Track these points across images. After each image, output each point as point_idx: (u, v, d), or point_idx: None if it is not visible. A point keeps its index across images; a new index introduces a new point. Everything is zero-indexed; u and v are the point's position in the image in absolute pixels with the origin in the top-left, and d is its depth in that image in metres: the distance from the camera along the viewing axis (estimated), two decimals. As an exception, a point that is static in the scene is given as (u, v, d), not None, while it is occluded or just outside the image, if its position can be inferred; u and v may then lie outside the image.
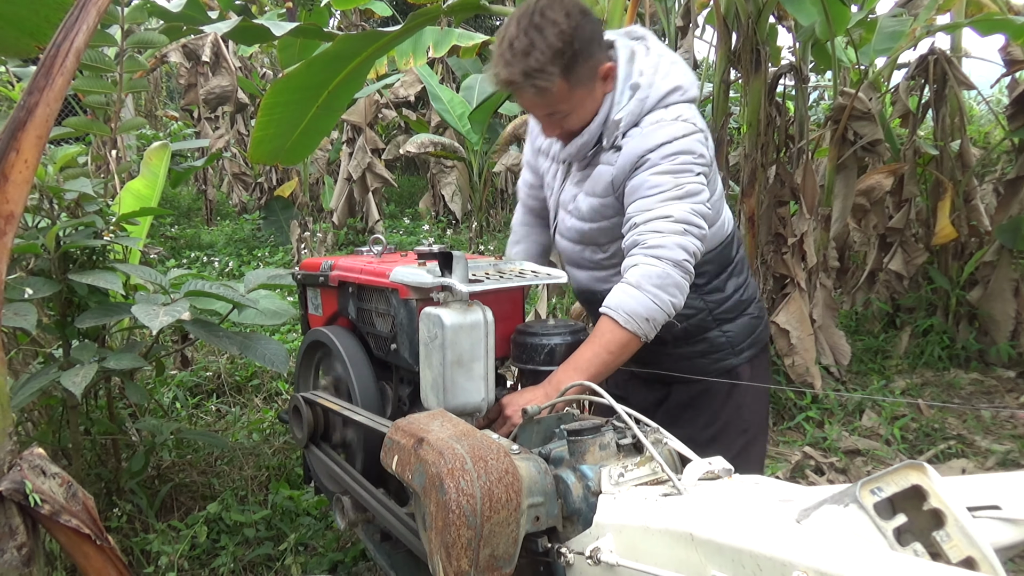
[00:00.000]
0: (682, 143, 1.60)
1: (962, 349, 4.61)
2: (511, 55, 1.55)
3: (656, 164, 1.60)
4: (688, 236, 1.57)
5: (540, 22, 1.53)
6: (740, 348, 1.89)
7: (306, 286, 2.04)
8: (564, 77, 1.56)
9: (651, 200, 1.59)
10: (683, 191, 1.58)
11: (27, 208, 2.27)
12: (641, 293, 1.53)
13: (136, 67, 2.86)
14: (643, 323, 1.54)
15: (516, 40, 1.54)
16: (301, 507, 2.72)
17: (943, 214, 4.58)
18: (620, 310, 1.54)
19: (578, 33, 1.55)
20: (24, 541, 1.27)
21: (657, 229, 1.56)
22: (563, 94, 1.59)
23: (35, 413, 2.69)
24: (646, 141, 1.61)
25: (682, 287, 1.57)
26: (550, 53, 1.53)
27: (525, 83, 1.56)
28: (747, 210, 4.02)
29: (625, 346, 1.55)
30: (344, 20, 7.94)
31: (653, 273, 1.54)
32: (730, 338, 1.87)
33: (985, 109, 6.82)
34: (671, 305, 1.56)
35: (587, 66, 1.59)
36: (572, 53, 1.54)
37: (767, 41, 3.96)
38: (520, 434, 1.36)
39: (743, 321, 1.89)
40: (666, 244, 1.55)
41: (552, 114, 1.65)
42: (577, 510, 1.12)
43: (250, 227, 8.35)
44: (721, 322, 1.87)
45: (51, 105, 1.24)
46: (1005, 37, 4.09)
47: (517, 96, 1.64)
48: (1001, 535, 0.97)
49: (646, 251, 1.56)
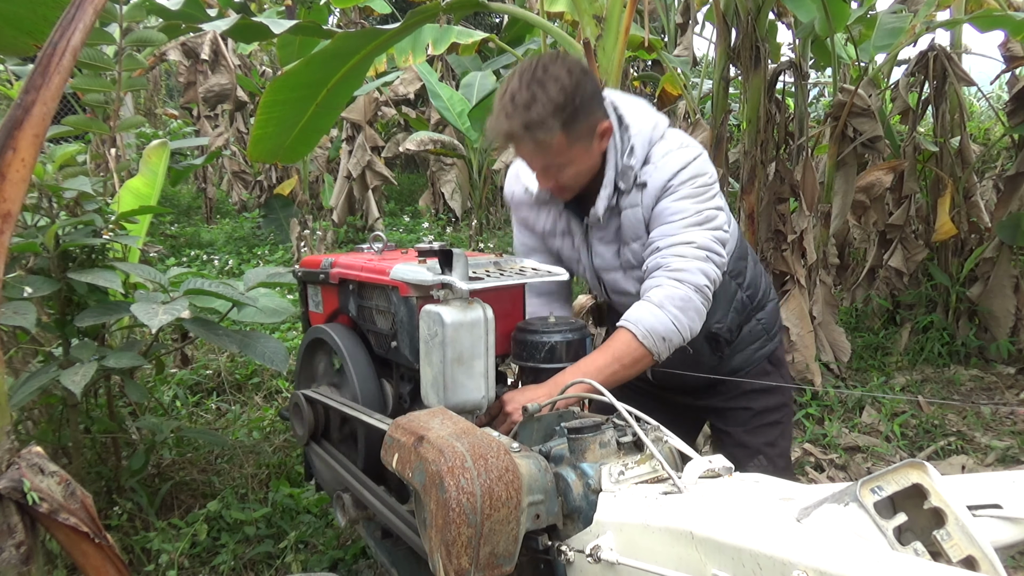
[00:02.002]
0: (694, 167, 1.66)
1: (962, 345, 4.61)
2: (512, 108, 1.56)
3: (676, 191, 1.65)
4: (709, 263, 1.62)
5: (543, 77, 1.55)
6: (773, 332, 1.98)
7: (306, 284, 2.04)
8: (564, 131, 1.57)
9: (674, 226, 1.63)
10: (703, 217, 1.64)
11: (26, 207, 2.27)
12: (663, 312, 1.57)
13: (135, 65, 2.86)
14: (659, 341, 1.57)
15: (518, 94, 1.55)
16: (301, 505, 2.72)
17: (943, 211, 4.58)
18: (640, 325, 1.57)
19: (579, 90, 1.56)
20: (23, 539, 1.27)
21: (680, 254, 1.61)
22: (561, 148, 1.60)
23: (35, 412, 2.69)
24: (663, 172, 1.66)
25: (701, 313, 1.61)
26: (551, 107, 1.54)
27: (525, 135, 1.57)
28: (747, 207, 4.02)
29: (638, 361, 1.58)
30: (343, 18, 7.94)
31: (676, 295, 1.58)
32: (765, 325, 1.95)
33: (985, 105, 6.82)
34: (688, 329, 1.59)
35: (587, 123, 1.61)
36: (573, 109, 1.55)
37: (766, 38, 3.96)
38: (520, 432, 1.36)
39: (770, 307, 1.98)
40: (689, 268, 1.59)
41: (548, 167, 1.66)
42: (577, 508, 1.12)
43: (250, 225, 8.34)
44: (756, 310, 1.94)
45: (48, 103, 1.24)
46: (1005, 33, 4.09)
47: (516, 148, 1.65)
48: (1002, 534, 0.97)
49: (669, 273, 1.60)
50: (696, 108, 4.82)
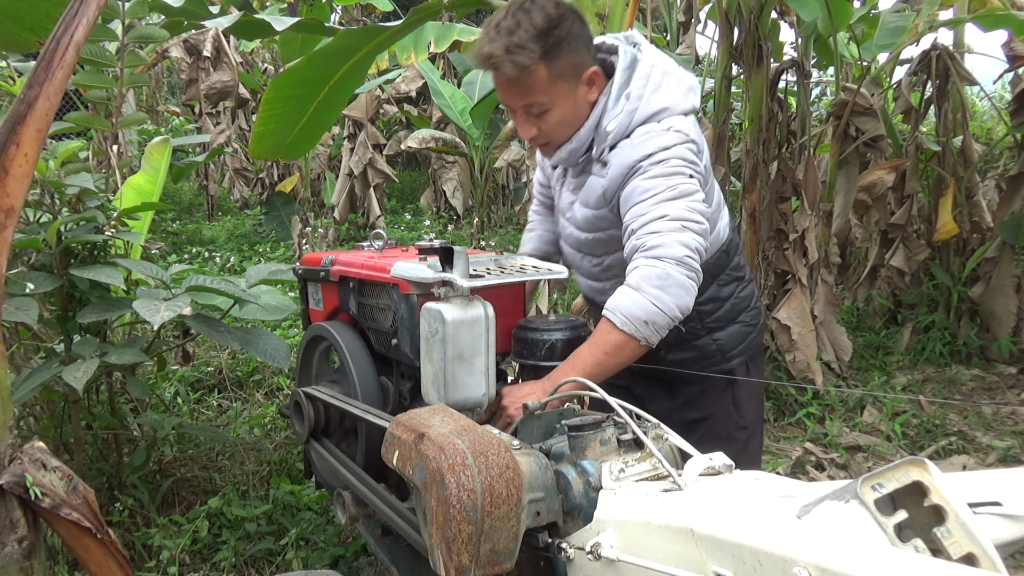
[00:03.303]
0: (673, 151, 1.58)
1: (963, 345, 4.60)
2: (495, 32, 1.55)
3: (646, 171, 1.58)
4: (687, 232, 1.53)
5: (529, 6, 1.55)
6: (731, 355, 1.85)
7: (307, 281, 2.04)
8: (544, 61, 1.54)
9: (645, 204, 1.56)
10: (676, 191, 1.55)
11: (29, 203, 2.27)
12: (640, 295, 1.50)
13: (137, 62, 2.86)
14: (641, 326, 1.50)
15: (503, 20, 1.56)
16: (302, 502, 2.72)
17: (945, 210, 4.57)
18: (617, 311, 1.52)
19: (564, 22, 1.55)
20: (25, 534, 1.28)
21: (655, 230, 1.53)
22: (542, 83, 1.57)
23: (37, 408, 2.70)
24: (636, 152, 1.60)
25: (686, 286, 1.52)
26: (534, 32, 1.53)
27: (504, 58, 1.53)
28: (748, 206, 4.02)
29: (622, 348, 1.52)
30: (345, 15, 7.93)
31: (653, 274, 1.50)
32: (720, 346, 1.84)
33: (988, 105, 6.81)
34: (674, 307, 1.51)
35: (570, 61, 1.58)
36: (556, 39, 1.54)
37: (769, 37, 3.96)
38: (521, 429, 1.36)
39: (734, 329, 1.85)
40: (665, 243, 1.52)
41: (529, 105, 1.62)
42: (578, 505, 1.12)
43: (251, 223, 8.34)
44: (711, 330, 1.82)
45: (51, 99, 1.24)
46: (1008, 32, 4.08)
47: (495, 79, 1.61)
48: (1002, 531, 0.97)
49: (646, 253, 1.53)
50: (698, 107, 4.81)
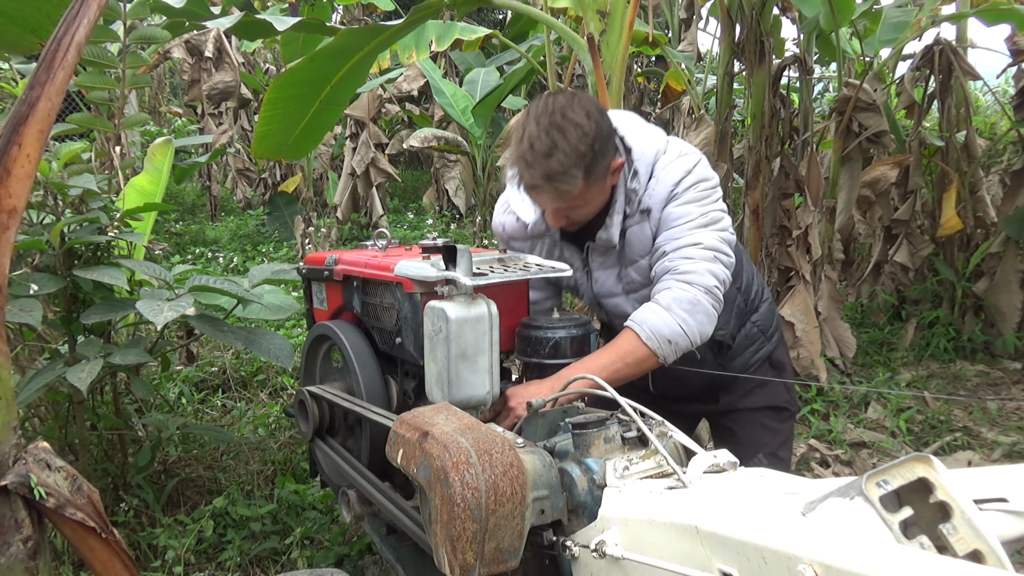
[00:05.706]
0: (696, 172, 1.66)
1: (968, 341, 4.59)
2: (532, 156, 1.52)
3: (679, 196, 1.64)
4: (717, 263, 1.61)
5: (562, 123, 1.51)
6: (770, 333, 1.95)
7: (311, 281, 2.04)
8: (585, 179, 1.55)
9: (679, 229, 1.63)
10: (708, 219, 1.63)
11: (32, 204, 2.28)
12: (669, 315, 1.56)
13: (139, 62, 2.87)
14: (664, 344, 1.56)
15: (537, 140, 1.52)
16: (307, 501, 2.72)
17: (949, 205, 4.55)
18: (644, 325, 1.56)
19: (599, 135, 1.54)
20: (30, 534, 1.28)
21: (688, 256, 1.60)
22: (581, 193, 1.59)
23: (41, 408, 2.70)
24: (667, 182, 1.65)
25: (711, 315, 1.59)
26: (574, 156, 1.51)
27: (547, 185, 1.55)
28: (751, 202, 4.01)
29: (642, 361, 1.57)
30: (347, 15, 7.93)
31: (684, 298, 1.57)
32: (760, 327, 1.93)
33: (991, 100, 6.79)
34: (697, 332, 1.58)
35: (604, 165, 1.59)
36: (593, 155, 1.54)
37: (771, 33, 3.95)
38: (525, 427, 1.36)
39: (764, 308, 1.95)
40: (697, 270, 1.58)
41: (564, 208, 1.65)
42: (582, 503, 1.12)
43: (254, 223, 8.36)
44: (750, 312, 1.91)
45: (53, 99, 1.24)
46: (1011, 27, 4.07)
47: (533, 195, 1.64)
48: (1008, 528, 0.97)
49: (678, 276, 1.59)
50: (700, 104, 4.81)
